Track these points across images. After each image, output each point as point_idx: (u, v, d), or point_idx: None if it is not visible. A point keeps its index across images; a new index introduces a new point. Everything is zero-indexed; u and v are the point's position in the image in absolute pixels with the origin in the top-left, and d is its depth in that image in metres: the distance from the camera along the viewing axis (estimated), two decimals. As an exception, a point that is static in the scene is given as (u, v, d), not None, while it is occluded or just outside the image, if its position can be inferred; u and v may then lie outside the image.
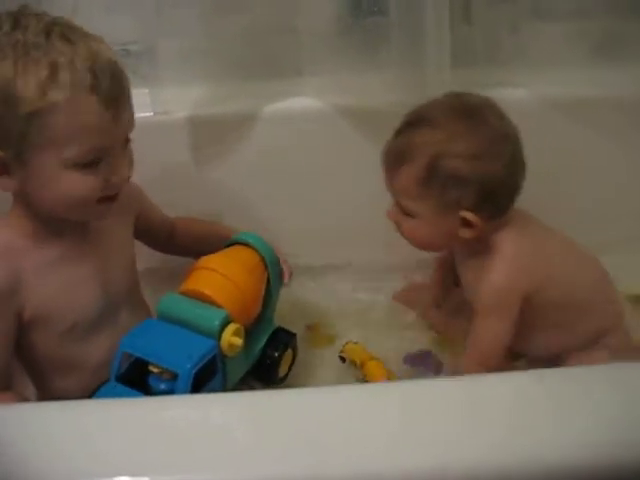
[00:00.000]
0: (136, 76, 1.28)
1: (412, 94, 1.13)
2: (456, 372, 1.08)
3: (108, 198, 0.88)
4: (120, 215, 1.00)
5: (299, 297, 1.28)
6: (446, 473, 0.66)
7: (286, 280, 1.07)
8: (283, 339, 1.07)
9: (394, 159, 0.98)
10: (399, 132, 0.99)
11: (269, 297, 1.05)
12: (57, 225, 0.91)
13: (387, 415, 0.70)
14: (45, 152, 0.81)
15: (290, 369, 1.10)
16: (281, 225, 1.28)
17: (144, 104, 1.20)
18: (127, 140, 0.88)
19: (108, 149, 0.84)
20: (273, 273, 1.04)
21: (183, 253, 1.10)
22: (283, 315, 1.19)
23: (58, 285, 0.91)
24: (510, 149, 0.96)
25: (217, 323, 0.91)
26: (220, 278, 0.96)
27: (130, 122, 0.87)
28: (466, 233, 0.97)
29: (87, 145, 0.82)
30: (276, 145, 1.24)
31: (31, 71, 0.78)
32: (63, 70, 0.79)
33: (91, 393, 0.91)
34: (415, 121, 0.97)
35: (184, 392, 0.87)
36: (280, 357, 1.05)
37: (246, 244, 1.04)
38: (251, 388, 1.06)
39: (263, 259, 1.03)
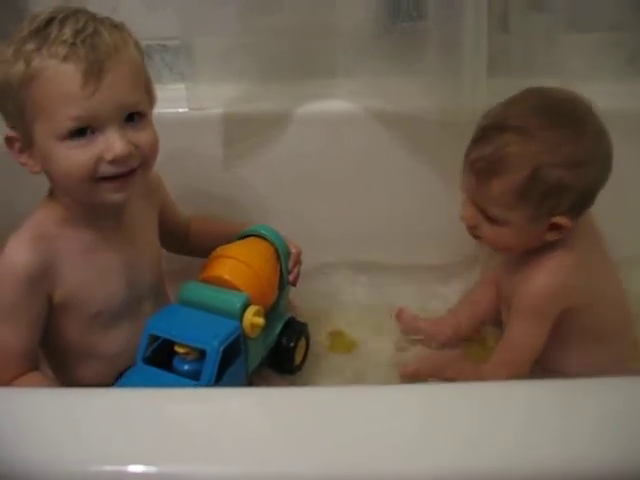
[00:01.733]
0: (173, 72, 1.32)
1: (447, 101, 1.13)
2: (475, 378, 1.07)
3: (114, 178, 0.87)
4: (148, 209, 1.02)
5: (324, 299, 1.29)
6: (458, 477, 0.66)
7: (294, 283, 1.10)
8: (296, 329, 1.09)
9: (486, 169, 0.93)
10: (485, 138, 0.94)
11: (281, 288, 1.08)
12: (90, 213, 0.92)
13: (404, 417, 0.71)
14: (38, 125, 0.84)
15: (305, 358, 1.12)
16: (307, 225, 1.28)
17: (180, 99, 1.22)
18: (132, 116, 0.87)
19: (97, 120, 0.84)
20: (285, 265, 1.07)
21: (197, 253, 1.09)
22: (307, 318, 1.20)
23: (86, 273, 0.93)
24: (607, 150, 0.94)
25: (239, 305, 0.93)
26: (238, 264, 0.99)
27: (120, 91, 0.85)
28: (553, 236, 0.95)
29: (69, 114, 0.83)
30: (307, 146, 1.26)
31: (22, 47, 0.83)
32: (47, 43, 0.82)
33: (114, 379, 0.92)
34: (504, 126, 0.93)
35: (212, 370, 0.88)
36: (295, 346, 1.08)
37: (260, 236, 1.06)
38: (266, 379, 1.08)
39: (276, 250, 1.06)
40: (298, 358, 1.10)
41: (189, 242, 1.15)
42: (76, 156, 0.84)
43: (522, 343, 0.99)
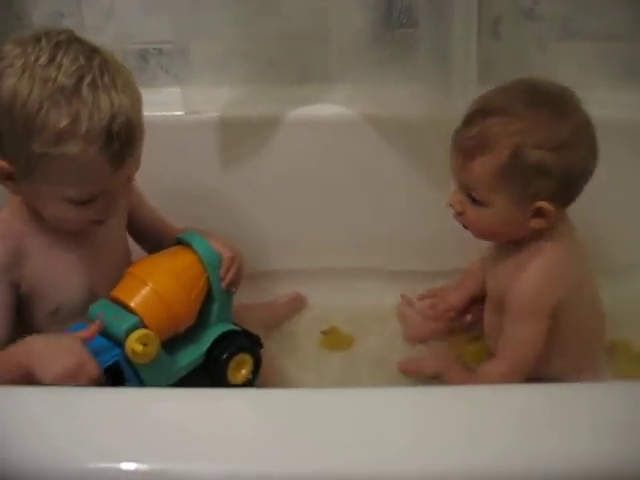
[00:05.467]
0: (169, 75, 1.33)
1: (438, 106, 1.15)
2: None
3: (98, 221, 0.94)
4: (116, 213, 1.03)
5: (319, 300, 1.32)
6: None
7: (233, 289, 1.03)
8: (235, 342, 1.01)
9: (471, 148, 0.94)
10: (472, 120, 0.95)
11: (211, 300, 1.02)
12: None
13: (396, 420, 0.72)
14: (47, 186, 0.87)
15: (255, 376, 1.02)
16: (301, 228, 1.31)
17: (176, 103, 1.24)
18: (129, 179, 0.94)
19: (105, 192, 0.90)
20: (214, 275, 1.01)
21: None
22: (300, 317, 1.25)
23: (47, 270, 0.96)
24: (591, 135, 0.95)
25: (123, 329, 0.91)
26: (139, 283, 0.95)
27: (133, 167, 0.91)
28: (537, 223, 0.95)
29: (85, 190, 0.88)
30: (302, 149, 1.27)
31: (52, 116, 0.82)
32: (81, 124, 0.83)
33: None
34: (490, 109, 0.94)
35: None
36: (227, 360, 0.99)
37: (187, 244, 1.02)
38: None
39: (200, 260, 1.00)
40: (236, 374, 1.01)
41: None
42: (79, 214, 0.90)
43: (522, 343, 0.98)
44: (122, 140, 0.86)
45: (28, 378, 0.84)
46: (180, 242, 1.02)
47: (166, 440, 0.69)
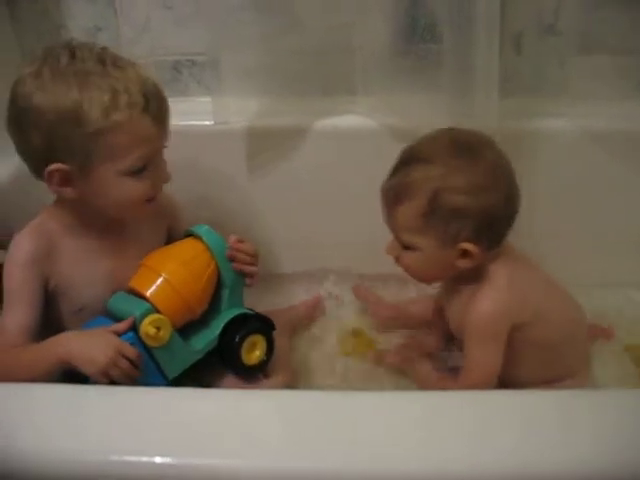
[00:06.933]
0: (200, 86, 1.37)
1: (460, 119, 1.16)
2: None
3: (151, 198, 1.00)
4: (152, 224, 1.09)
5: (342, 303, 1.35)
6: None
7: (249, 282, 1.08)
8: (246, 325, 1.06)
9: (394, 196, 1.01)
10: (396, 170, 1.02)
11: (221, 286, 1.07)
12: (91, 224, 1.02)
13: (405, 422, 0.74)
14: (105, 164, 0.94)
15: (268, 357, 1.08)
16: (323, 235, 1.34)
17: (206, 112, 1.28)
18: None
19: (153, 157, 0.98)
20: (222, 262, 1.05)
21: None
22: (323, 320, 1.28)
23: (76, 272, 1.01)
24: (507, 180, 0.99)
25: (137, 314, 0.96)
26: (152, 274, 1.01)
27: (169, 131, 1.00)
28: (464, 263, 1.00)
29: (140, 155, 0.95)
30: (326, 158, 1.30)
31: (95, 96, 0.91)
32: (121, 94, 0.92)
33: None
34: (411, 158, 1.00)
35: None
36: (239, 342, 1.04)
37: (195, 235, 1.06)
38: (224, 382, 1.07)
39: (209, 248, 1.05)
40: (250, 356, 1.06)
41: None
42: (137, 186, 0.97)
43: (481, 366, 1.02)
44: (157, 98, 0.96)
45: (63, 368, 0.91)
46: (189, 234, 1.07)
47: (195, 437, 0.73)
